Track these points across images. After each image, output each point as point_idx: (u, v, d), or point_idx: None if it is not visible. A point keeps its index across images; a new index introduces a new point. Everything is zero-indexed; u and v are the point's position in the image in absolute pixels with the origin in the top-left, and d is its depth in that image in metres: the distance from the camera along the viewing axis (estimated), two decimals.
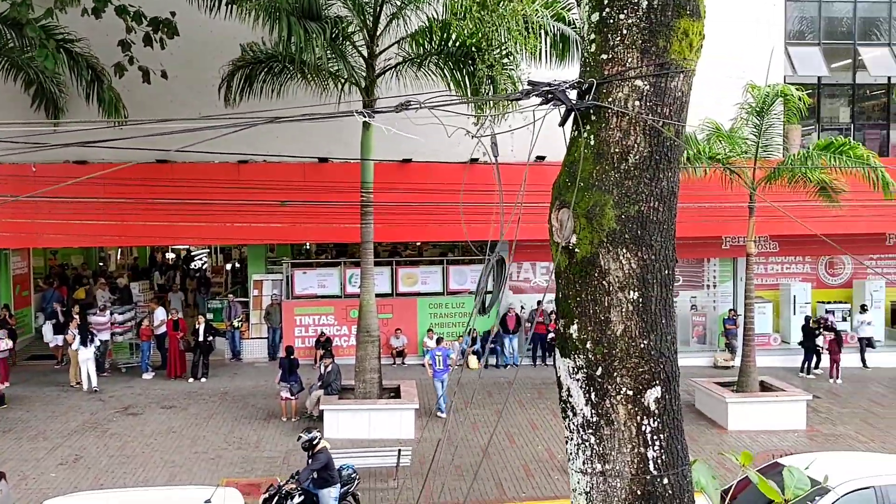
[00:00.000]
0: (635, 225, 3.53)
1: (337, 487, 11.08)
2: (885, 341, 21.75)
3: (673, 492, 3.61)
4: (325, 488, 10.96)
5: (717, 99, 17.06)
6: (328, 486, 10.97)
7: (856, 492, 9.84)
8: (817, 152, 15.75)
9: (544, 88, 3.44)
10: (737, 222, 17.42)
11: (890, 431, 15.98)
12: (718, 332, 21.36)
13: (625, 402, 3.58)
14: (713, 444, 15.17)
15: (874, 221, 18.59)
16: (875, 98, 22.17)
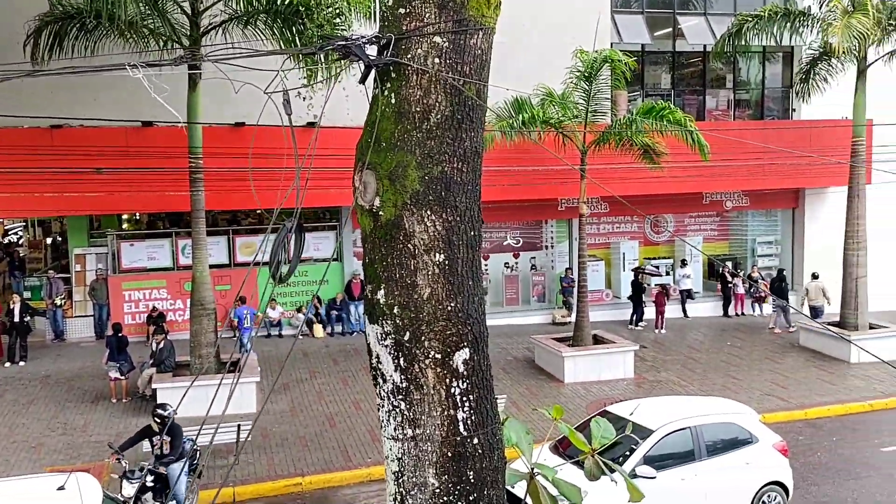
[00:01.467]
0: (439, 186, 3.46)
1: (184, 463, 10.58)
2: (703, 292, 23.53)
3: (483, 451, 3.63)
4: (174, 464, 10.42)
5: (549, 65, 17.55)
6: (176, 461, 10.45)
7: (675, 433, 10.59)
8: (641, 116, 16.56)
9: (340, 43, 3.27)
10: (571, 184, 18.10)
11: (707, 375, 17.33)
12: (556, 289, 22.26)
13: (434, 365, 3.54)
14: (551, 397, 15.85)
15: (692, 182, 19.87)
16: (693, 65, 23.61)
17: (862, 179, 18.74)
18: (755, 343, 20.10)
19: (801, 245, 23.49)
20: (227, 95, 8.10)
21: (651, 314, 21.28)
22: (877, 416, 15.35)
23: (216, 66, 3.63)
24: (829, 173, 20.80)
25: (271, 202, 16.43)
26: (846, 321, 18.84)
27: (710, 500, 10.49)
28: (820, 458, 13.23)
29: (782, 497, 10.96)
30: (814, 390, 16.37)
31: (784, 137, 19.93)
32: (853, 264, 18.74)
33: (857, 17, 16.72)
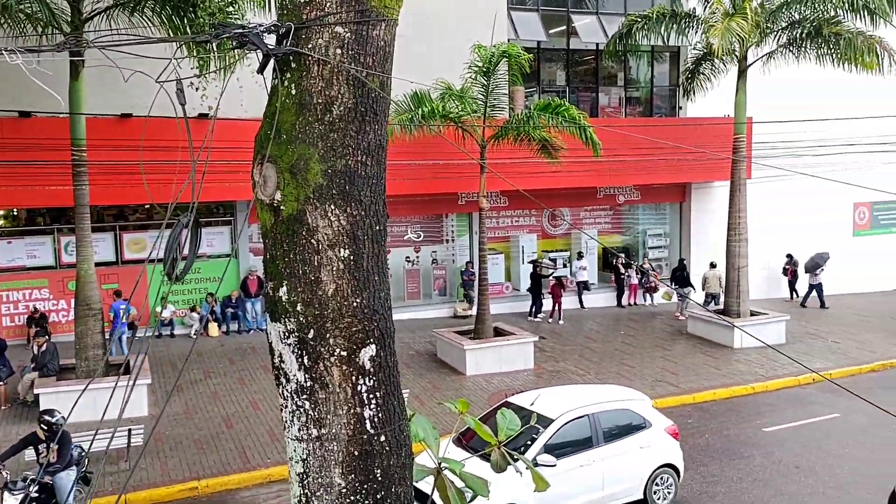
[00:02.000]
0: (343, 180, 3.38)
1: (74, 470, 10.01)
2: (598, 283, 24.26)
3: (390, 448, 3.59)
4: (61, 473, 9.84)
5: (449, 60, 17.61)
6: (63, 470, 9.87)
7: (574, 421, 10.87)
8: (537, 112, 16.86)
9: (237, 31, 3.14)
10: (471, 179, 18.26)
11: (602, 363, 17.88)
12: (457, 283, 22.43)
13: (339, 363, 3.46)
14: (453, 390, 15.95)
15: (587, 176, 20.44)
16: (587, 63, 24.25)
17: (743, 174, 19.75)
18: (647, 331, 20.90)
19: (688, 237, 24.57)
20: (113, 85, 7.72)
21: (549, 305, 21.76)
22: (758, 398, 16.25)
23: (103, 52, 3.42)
24: (713, 168, 21.84)
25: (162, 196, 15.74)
26: (730, 309, 19.84)
27: (608, 485, 10.83)
28: (708, 439, 13.88)
29: (674, 478, 11.43)
30: (701, 375, 17.17)
31: (671, 134, 20.78)
32: (735, 255, 19.75)
33: (736, 20, 17.57)
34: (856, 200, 25.95)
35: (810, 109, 21.68)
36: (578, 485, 10.51)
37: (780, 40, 19.43)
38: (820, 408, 15.43)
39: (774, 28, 19.26)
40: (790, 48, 19.34)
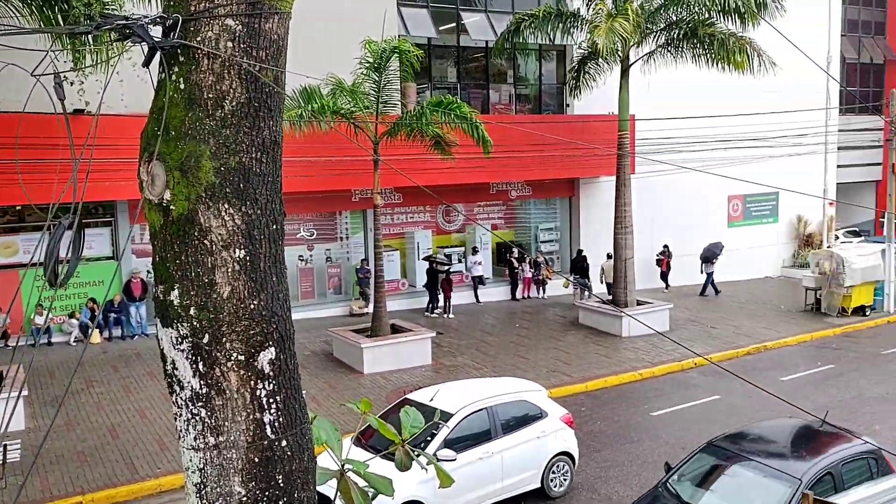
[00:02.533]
0: (237, 178, 3.26)
1: None
2: (493, 278, 24.63)
3: (292, 453, 3.50)
4: None
5: (339, 55, 17.38)
6: None
7: (472, 414, 10.98)
8: (430, 109, 16.91)
9: (121, 23, 2.97)
10: (364, 176, 18.11)
11: (499, 357, 18.17)
12: (352, 281, 22.24)
13: (236, 368, 3.34)
14: (351, 390, 15.81)
15: (480, 172, 20.68)
16: (477, 60, 24.53)
17: (628, 170, 20.52)
18: (541, 324, 21.39)
19: (578, 230, 25.31)
20: None
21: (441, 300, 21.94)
22: (646, 383, 16.93)
23: None
24: (600, 164, 22.58)
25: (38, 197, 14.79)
26: (617, 299, 20.58)
27: (507, 475, 11.02)
28: (600, 426, 14.36)
29: (570, 465, 11.76)
30: (593, 364, 17.73)
31: (560, 131, 21.26)
32: (622, 247, 20.50)
33: (619, 21, 18.21)
34: (730, 193, 27.46)
35: (689, 108, 22.79)
36: (478, 477, 10.64)
37: (659, 41, 20.28)
38: (701, 391, 16.23)
39: (654, 29, 20.09)
40: (668, 48, 20.22)
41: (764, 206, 29.33)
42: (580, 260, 23.58)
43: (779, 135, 24.00)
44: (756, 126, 23.37)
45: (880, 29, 36.47)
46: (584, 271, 23.32)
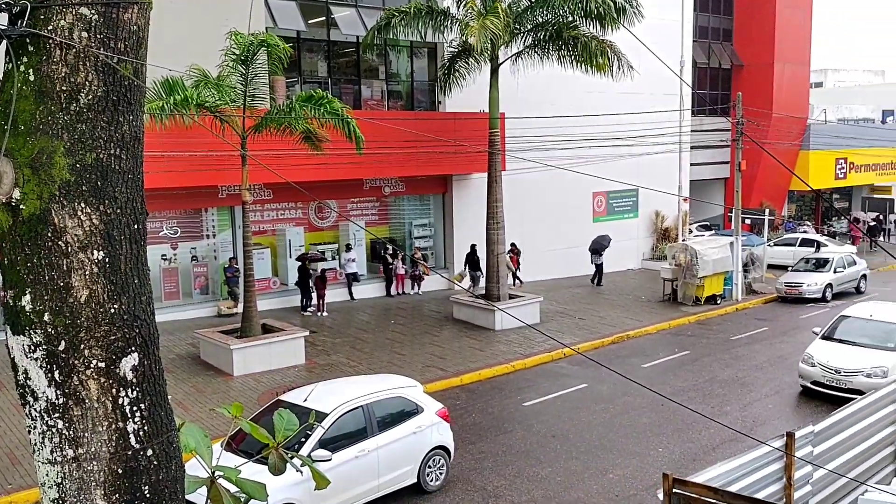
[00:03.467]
0: (94, 175, 3.08)
1: None
2: (367, 275, 24.56)
3: (159, 462, 3.34)
4: None
5: (204, 46, 16.79)
6: None
7: (348, 413, 10.91)
8: (300, 104, 16.62)
9: None
10: (232, 171, 17.59)
11: (374, 354, 18.15)
12: (220, 280, 21.56)
13: (96, 375, 3.16)
14: (220, 393, 15.35)
15: (353, 168, 20.53)
16: (348, 55, 24.35)
17: (498, 167, 20.97)
18: (416, 319, 21.54)
19: (451, 226, 25.64)
20: None
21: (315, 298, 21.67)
22: (518, 375, 17.41)
23: None
24: (472, 161, 22.95)
25: None
26: (490, 293, 21.02)
27: (383, 472, 11.03)
28: (474, 418, 14.64)
29: (445, 459, 11.91)
30: (467, 358, 18.04)
31: (432, 127, 21.46)
32: (494, 242, 20.95)
33: (490, 19, 18.57)
34: (594, 190, 28.62)
35: (556, 107, 23.59)
36: (354, 476, 10.60)
37: (527, 41, 20.85)
38: (570, 380, 16.86)
39: (522, 30, 20.62)
40: (536, 49, 20.82)
41: (625, 202, 30.80)
42: (473, 253, 24.08)
43: (638, 134, 25.26)
44: (618, 126, 24.50)
45: (728, 36, 39.07)
46: (476, 264, 23.94)
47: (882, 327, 16.12)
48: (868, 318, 16.50)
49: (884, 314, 16.51)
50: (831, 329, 16.79)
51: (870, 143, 39.47)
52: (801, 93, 39.20)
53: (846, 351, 15.72)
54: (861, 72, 77.97)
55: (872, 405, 9.68)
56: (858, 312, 16.93)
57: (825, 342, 16.34)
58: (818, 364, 15.65)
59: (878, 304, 17.51)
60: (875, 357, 15.37)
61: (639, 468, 12.42)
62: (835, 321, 17.03)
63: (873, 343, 15.90)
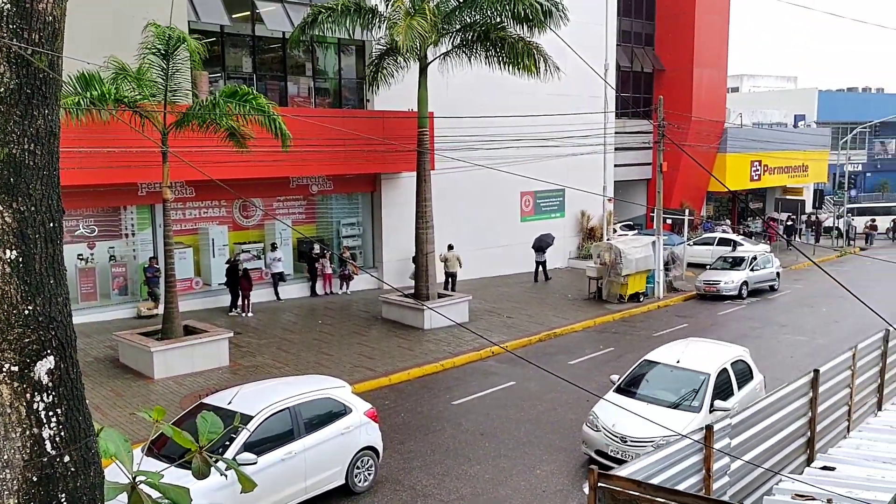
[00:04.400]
0: (7, 171, 2.95)
1: None
2: (294, 274, 24.24)
3: (77, 468, 3.23)
4: None
5: (123, 39, 16.28)
6: None
7: (274, 415, 10.73)
8: (224, 99, 16.26)
9: None
10: (152, 168, 17.09)
11: (301, 355, 17.92)
12: (140, 281, 20.92)
13: (9, 380, 3.03)
14: (140, 397, 14.89)
15: (280, 166, 20.20)
16: (274, 51, 23.96)
17: (427, 166, 21.00)
18: (344, 319, 21.37)
19: (380, 225, 25.55)
20: None
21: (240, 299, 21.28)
22: (447, 374, 17.48)
23: None
24: (400, 160, 22.93)
25: None
26: (419, 292, 21.03)
27: (310, 474, 10.90)
28: (403, 418, 14.62)
29: (374, 459, 11.86)
30: (396, 358, 18.00)
31: (360, 126, 21.34)
32: (423, 241, 20.97)
33: (417, 19, 18.57)
34: (522, 190, 28.99)
35: (485, 108, 23.76)
36: (281, 479, 10.44)
37: (455, 41, 20.94)
38: (499, 378, 17.02)
39: (450, 30, 20.69)
40: (464, 49, 20.94)
41: (552, 202, 31.31)
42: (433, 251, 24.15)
43: (565, 135, 25.69)
44: (545, 127, 24.86)
45: (650, 41, 40.15)
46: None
47: (688, 378, 12.68)
48: (674, 364, 13.00)
49: (695, 359, 12.98)
50: (630, 378, 13.30)
51: (783, 146, 41.22)
52: (718, 97, 40.63)
53: (641, 410, 11.71)
54: (774, 78, 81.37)
55: (785, 398, 10.10)
56: (664, 356, 13.38)
57: (618, 397, 12.67)
58: (602, 428, 12.11)
59: (693, 345, 13.95)
60: (672, 420, 11.49)
61: (565, 463, 12.64)
62: (636, 367, 13.56)
63: (675, 399, 12.49)
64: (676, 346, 13.98)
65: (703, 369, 12.72)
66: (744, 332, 22.24)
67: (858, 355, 11.73)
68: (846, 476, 9.16)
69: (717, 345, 14.54)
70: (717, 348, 14.01)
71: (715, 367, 12.79)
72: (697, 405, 12.24)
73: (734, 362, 13.31)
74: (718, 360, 13.08)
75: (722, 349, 13.93)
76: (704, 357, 13.16)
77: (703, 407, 12.17)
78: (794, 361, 18.45)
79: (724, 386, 12.79)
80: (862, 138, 54.19)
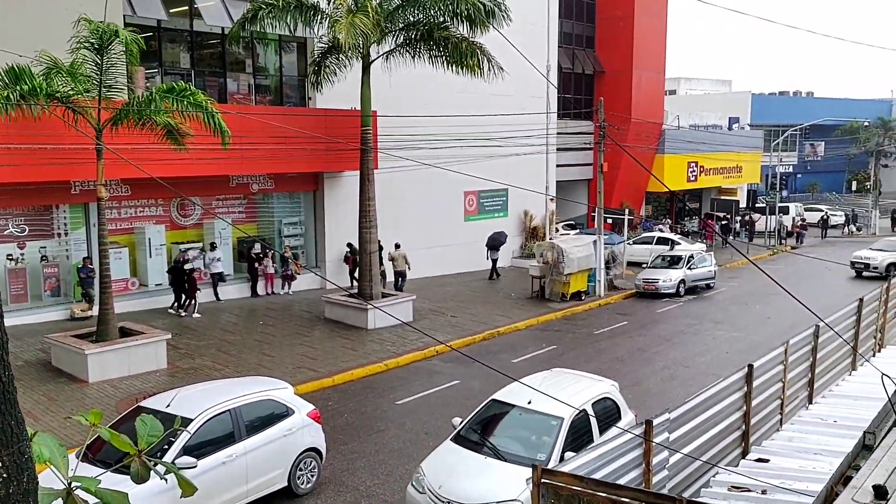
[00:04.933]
0: None
1: None
2: (234, 274, 23.82)
3: (8, 475, 3.09)
4: None
5: (55, 32, 15.77)
6: None
7: (214, 418, 10.51)
8: (160, 95, 15.88)
9: None
10: (86, 165, 16.57)
11: (242, 356, 17.61)
12: (74, 281, 20.27)
13: None
14: (74, 401, 14.44)
15: (219, 164, 19.84)
16: (213, 47, 23.50)
17: (371, 165, 20.88)
18: (286, 320, 21.09)
19: (323, 224, 25.31)
20: None
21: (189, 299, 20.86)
22: (391, 374, 17.40)
23: None
24: (344, 158, 22.74)
25: None
26: (363, 292, 20.90)
27: (252, 477, 10.71)
28: (347, 418, 14.50)
29: (317, 460, 11.72)
30: (339, 358, 17.85)
31: (302, 124, 21.06)
32: (367, 241, 20.85)
33: (359, 17, 18.45)
34: (466, 189, 29.09)
35: (429, 107, 23.75)
36: (222, 482, 10.23)
37: (399, 40, 20.87)
38: (443, 377, 17.03)
39: (393, 28, 20.62)
40: (407, 48, 20.89)
41: (495, 201, 31.50)
42: (377, 249, 23.97)
43: (508, 135, 25.87)
44: (489, 126, 24.98)
45: (591, 43, 40.75)
46: (380, 261, 23.96)
47: (539, 423, 10.48)
48: (525, 406, 10.72)
49: (550, 399, 10.18)
50: (472, 423, 10.92)
51: (718, 148, 42.35)
52: (656, 99, 41.50)
53: (476, 466, 9.99)
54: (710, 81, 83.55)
55: (721, 393, 10.35)
56: (515, 396, 11.01)
57: (454, 447, 10.59)
58: (428, 490, 9.88)
59: (553, 379, 11.86)
60: (512, 479, 9.48)
61: None
62: (481, 409, 11.22)
63: (521, 450, 10.24)
64: (535, 379, 11.66)
65: (556, 412, 10.34)
66: (681, 328, 22.75)
67: (790, 351, 12.10)
68: (780, 468, 9.45)
69: (582, 380, 12.15)
70: (579, 384, 11.68)
71: (571, 409, 10.42)
72: (544, 458, 9.81)
73: (597, 401, 11.18)
74: (578, 399, 10.79)
75: (585, 385, 11.69)
76: (562, 396, 10.51)
77: (552, 460, 9.75)
78: (729, 357, 18.95)
79: (583, 431, 10.59)
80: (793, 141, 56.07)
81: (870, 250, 33.38)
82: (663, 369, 18.26)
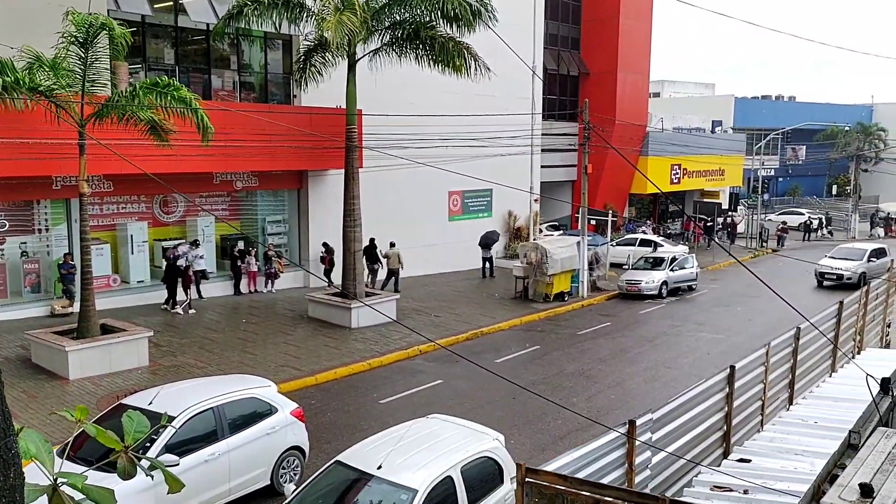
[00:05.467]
0: None
1: None
2: (217, 272, 23.68)
3: None
4: None
5: (37, 25, 15.62)
6: None
7: (196, 416, 10.45)
8: (144, 91, 15.75)
9: None
10: (68, 161, 16.42)
11: (224, 354, 17.52)
12: (54, 278, 20.08)
13: None
14: (55, 398, 14.30)
15: (203, 161, 19.69)
16: (198, 43, 23.35)
17: (356, 163, 20.84)
18: (269, 318, 21.00)
19: (307, 223, 25.22)
20: None
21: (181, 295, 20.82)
22: (374, 372, 17.38)
23: None
24: (328, 157, 22.66)
25: None
26: (347, 291, 20.85)
27: (235, 475, 10.66)
28: (330, 417, 14.46)
29: (300, 459, 11.69)
30: (322, 357, 17.80)
31: (287, 121, 20.97)
32: (351, 239, 20.79)
33: (347, 15, 18.40)
34: (450, 189, 29.11)
35: (415, 106, 23.74)
36: (204, 480, 10.17)
37: (385, 39, 20.83)
38: (426, 376, 17.03)
39: (379, 27, 20.58)
40: (394, 47, 20.86)
41: (480, 201, 31.53)
42: (372, 247, 24.20)
43: (493, 136, 25.91)
44: (474, 127, 25.01)
45: (576, 44, 40.90)
46: (376, 258, 24.39)
47: (387, 496, 8.22)
48: (373, 472, 8.46)
49: (404, 463, 8.48)
50: (305, 494, 8.80)
51: (701, 150, 42.64)
52: (641, 101, 41.72)
53: None
54: (694, 84, 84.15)
55: (703, 394, 10.43)
56: (364, 459, 8.77)
57: None
58: None
59: (419, 434, 9.32)
60: None
61: None
62: (320, 475, 9.04)
63: None
64: (399, 430, 9.49)
65: (409, 483, 8.15)
66: (664, 329, 22.89)
67: (771, 352, 12.22)
68: (761, 468, 9.54)
69: (458, 432, 9.54)
70: (452, 440, 9.19)
71: (431, 477, 8.24)
72: None
73: (471, 463, 8.86)
74: (443, 462, 8.56)
75: (460, 441, 9.17)
76: (421, 460, 8.52)
77: None
78: (711, 358, 19.09)
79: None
80: (775, 144, 56.56)
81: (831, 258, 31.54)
82: (646, 370, 18.36)
